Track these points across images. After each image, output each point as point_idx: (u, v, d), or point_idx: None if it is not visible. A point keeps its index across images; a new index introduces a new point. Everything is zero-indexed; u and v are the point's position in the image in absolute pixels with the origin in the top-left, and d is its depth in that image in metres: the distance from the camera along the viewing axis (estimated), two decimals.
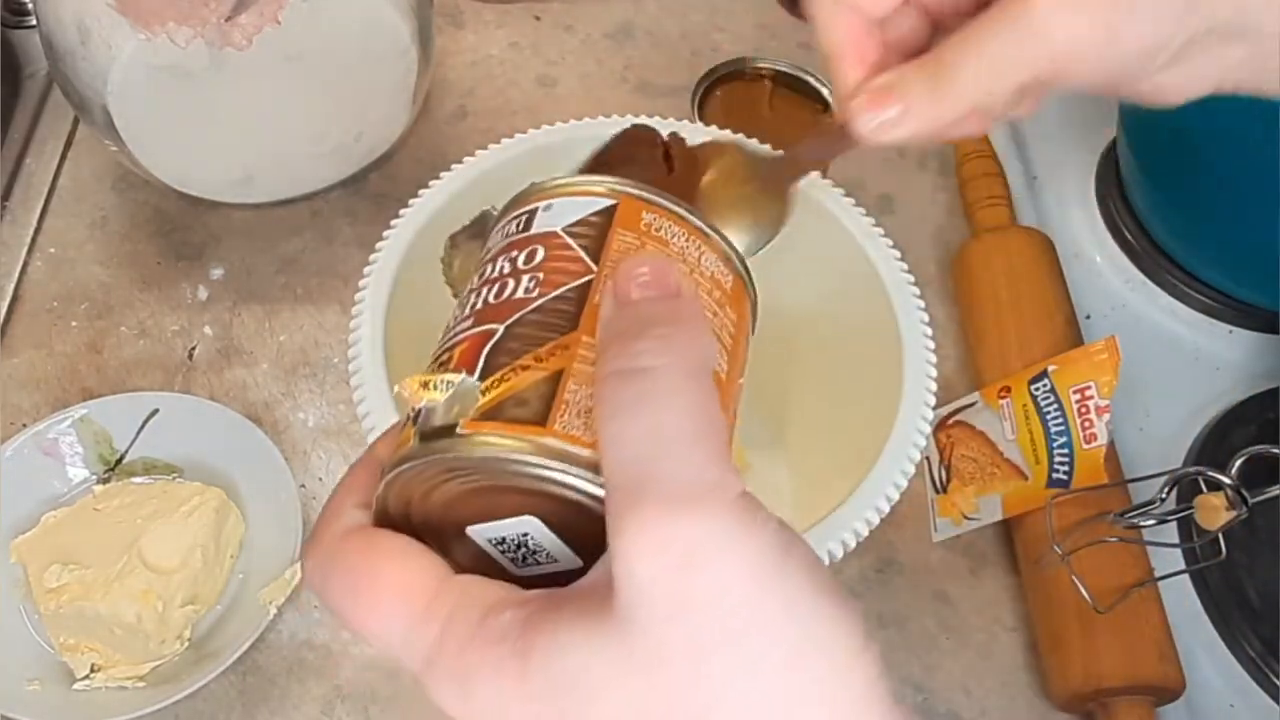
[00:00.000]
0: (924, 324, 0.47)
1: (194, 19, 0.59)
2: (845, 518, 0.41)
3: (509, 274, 0.30)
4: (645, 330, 0.25)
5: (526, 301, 0.29)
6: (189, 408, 0.62)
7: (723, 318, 0.31)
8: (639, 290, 0.26)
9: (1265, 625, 0.58)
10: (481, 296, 0.30)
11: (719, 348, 0.30)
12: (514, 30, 0.85)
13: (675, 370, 0.24)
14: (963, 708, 0.57)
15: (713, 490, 0.23)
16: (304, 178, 0.71)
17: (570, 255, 0.30)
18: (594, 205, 0.31)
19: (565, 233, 0.31)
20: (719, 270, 0.31)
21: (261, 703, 0.56)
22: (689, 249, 0.31)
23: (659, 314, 0.26)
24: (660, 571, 0.22)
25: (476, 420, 0.27)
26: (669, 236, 0.31)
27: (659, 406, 0.24)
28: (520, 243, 0.31)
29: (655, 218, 0.31)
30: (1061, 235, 0.72)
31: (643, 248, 0.30)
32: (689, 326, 0.26)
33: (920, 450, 0.43)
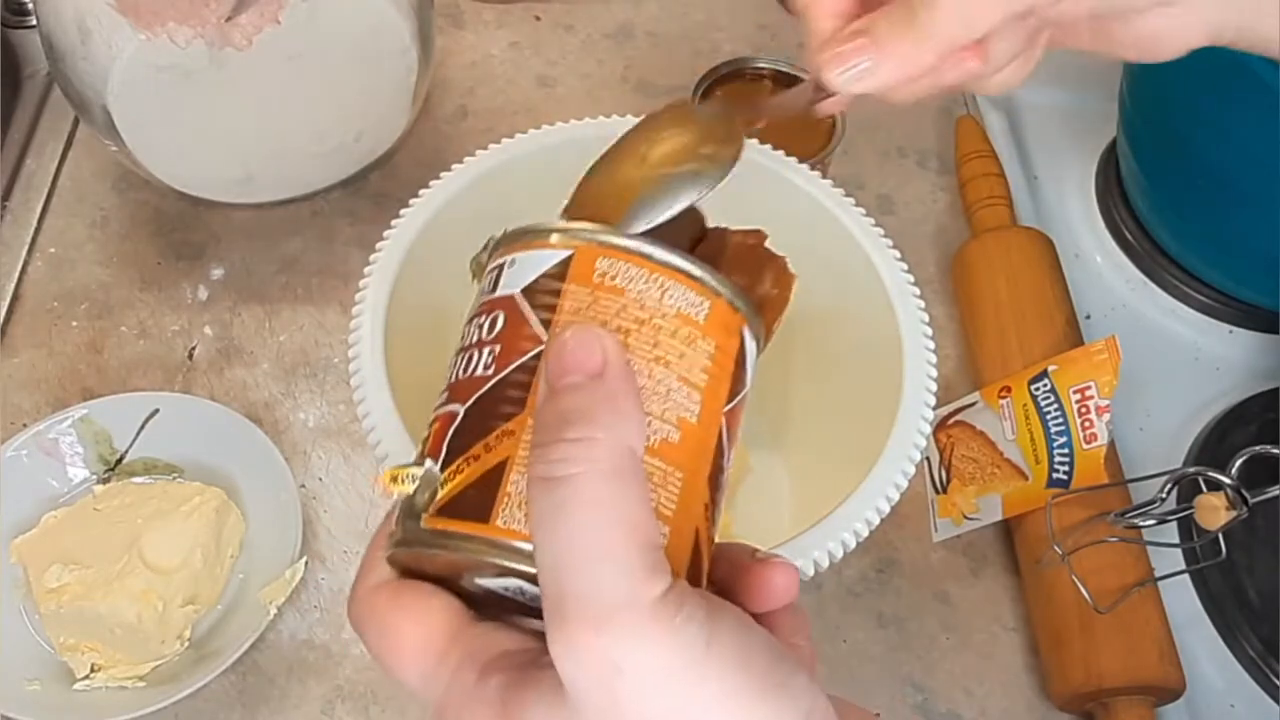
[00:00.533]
0: (924, 324, 0.47)
1: (194, 19, 0.59)
2: (845, 518, 0.41)
3: (475, 344, 0.30)
4: (563, 430, 0.26)
5: (484, 380, 0.29)
6: (189, 408, 0.62)
7: (692, 355, 0.30)
8: (565, 375, 0.27)
9: (1265, 625, 0.58)
10: (456, 369, 0.31)
11: (686, 391, 0.29)
12: (514, 30, 0.85)
13: (590, 477, 0.25)
14: (963, 708, 0.57)
15: (625, 603, 0.24)
16: (304, 178, 0.71)
17: (523, 324, 0.30)
18: (550, 260, 0.30)
19: (522, 296, 0.30)
20: (688, 303, 0.30)
21: (261, 703, 0.56)
22: (649, 290, 0.30)
23: (576, 407, 0.26)
24: (588, 682, 0.25)
25: (434, 515, 0.28)
26: (624, 282, 0.30)
27: (574, 520, 0.25)
28: (487, 306, 0.31)
29: (610, 263, 0.30)
30: (1061, 235, 0.72)
31: (592, 304, 0.29)
32: (604, 417, 0.26)
33: (920, 451, 0.43)
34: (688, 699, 0.25)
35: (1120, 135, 0.73)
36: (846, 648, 0.58)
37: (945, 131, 0.79)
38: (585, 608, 0.25)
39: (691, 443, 0.29)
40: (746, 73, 0.71)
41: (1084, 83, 0.80)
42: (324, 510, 0.62)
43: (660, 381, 0.29)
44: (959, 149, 0.77)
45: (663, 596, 0.25)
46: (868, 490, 0.42)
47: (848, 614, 0.59)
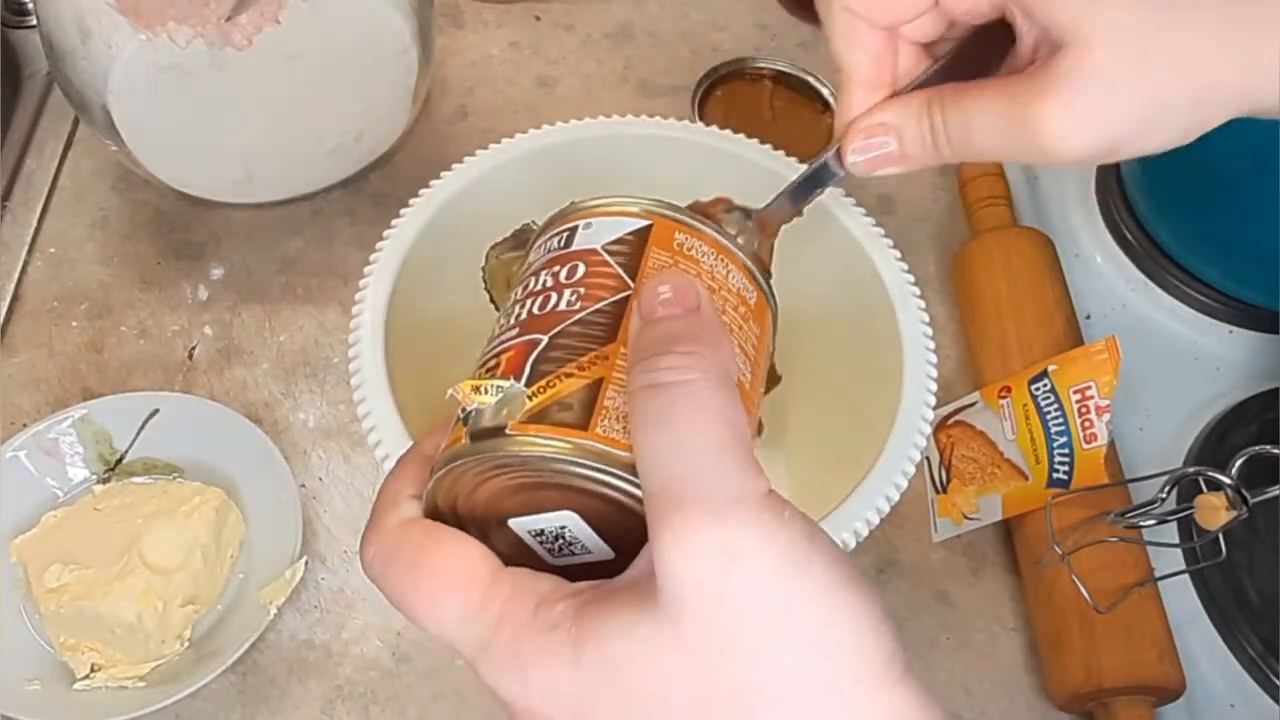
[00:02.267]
0: (924, 324, 0.47)
1: (194, 19, 0.59)
2: (845, 517, 0.41)
3: (552, 287, 0.32)
4: (669, 346, 0.27)
5: (569, 314, 0.31)
6: (189, 408, 0.62)
7: (747, 330, 0.33)
8: (663, 308, 0.28)
9: (1265, 625, 0.58)
10: (526, 308, 0.32)
11: (741, 357, 0.32)
12: (514, 30, 0.85)
13: (699, 383, 0.26)
14: (963, 708, 0.57)
15: (741, 494, 0.25)
16: (304, 178, 0.71)
17: (609, 272, 0.32)
18: (630, 225, 0.34)
19: (604, 250, 0.33)
20: (744, 286, 0.34)
21: (261, 703, 0.56)
22: (717, 266, 0.33)
23: (680, 330, 0.27)
24: (700, 573, 0.25)
25: (524, 422, 0.29)
26: (699, 255, 0.33)
27: (685, 419, 0.26)
28: (562, 258, 0.33)
29: (687, 237, 0.33)
30: (1061, 235, 0.72)
31: (674, 265, 0.32)
32: (709, 340, 0.27)
33: (920, 451, 0.43)
34: (796, 589, 0.25)
35: None
36: None
37: None
38: (700, 499, 0.25)
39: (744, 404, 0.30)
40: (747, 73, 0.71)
41: None
42: (324, 510, 0.62)
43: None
44: None
45: (768, 495, 0.26)
46: (867, 490, 0.42)
47: None
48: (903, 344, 0.46)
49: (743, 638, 0.25)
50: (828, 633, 0.25)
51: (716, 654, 0.25)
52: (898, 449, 0.43)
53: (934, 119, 0.37)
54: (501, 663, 0.27)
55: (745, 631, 0.25)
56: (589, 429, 0.28)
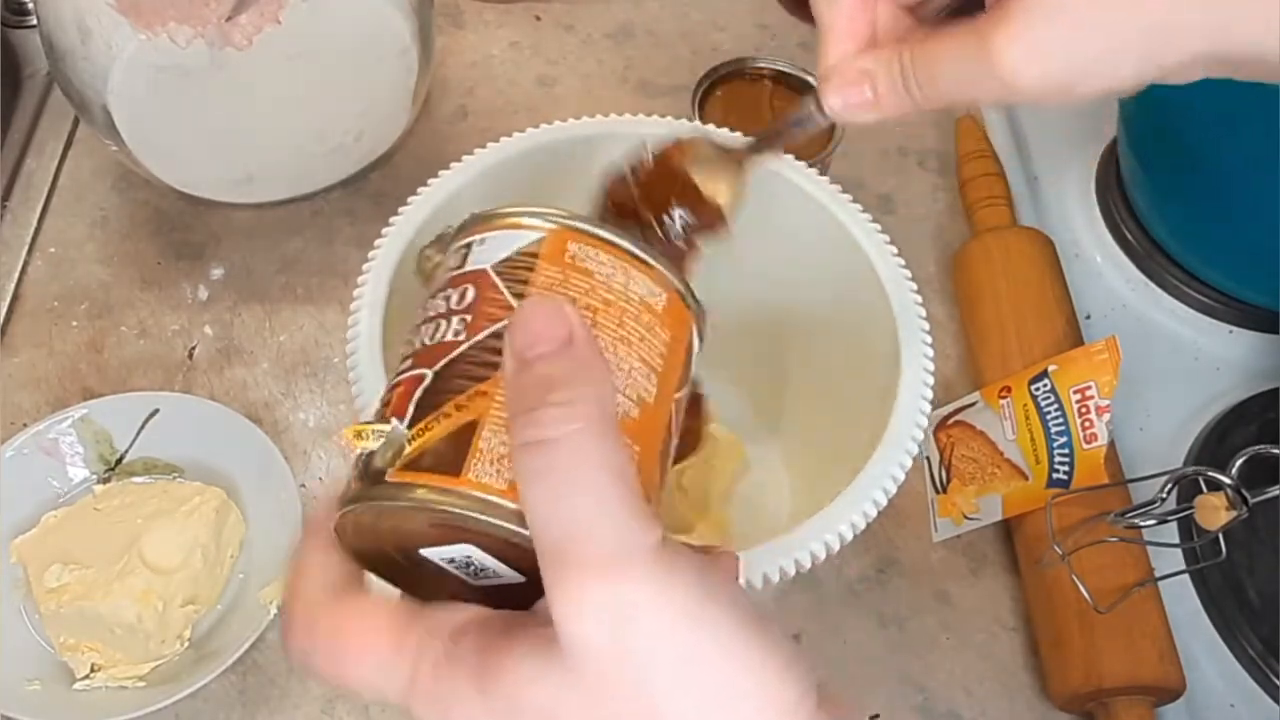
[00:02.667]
0: (921, 318, 0.47)
1: (194, 19, 0.59)
2: (843, 511, 0.41)
3: (444, 313, 0.31)
4: (544, 395, 0.26)
5: (455, 345, 0.30)
6: (189, 408, 0.62)
7: (651, 339, 0.31)
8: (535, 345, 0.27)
9: (1265, 625, 0.58)
10: (420, 337, 0.31)
11: (644, 370, 0.31)
12: (514, 30, 0.85)
13: (579, 435, 0.25)
14: (963, 708, 0.57)
15: (631, 549, 0.25)
16: (304, 178, 0.71)
17: (496, 296, 0.31)
18: (523, 239, 0.32)
19: (494, 271, 0.31)
20: (649, 292, 0.32)
21: (261, 703, 0.56)
22: (614, 275, 0.31)
23: (555, 374, 0.26)
24: (596, 633, 0.25)
25: (402, 469, 0.28)
26: (594, 266, 0.31)
27: (569, 475, 0.25)
28: (457, 279, 0.32)
29: (580, 247, 0.31)
30: (1061, 235, 0.72)
31: (563, 281, 0.31)
32: (586, 378, 0.26)
33: (917, 443, 0.43)
34: (693, 641, 0.25)
35: (1120, 135, 0.73)
36: (846, 648, 0.58)
37: (945, 131, 0.79)
38: (590, 557, 0.25)
39: (647, 421, 0.30)
40: (747, 73, 0.71)
41: None
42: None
43: (624, 359, 0.30)
44: (959, 149, 0.77)
45: (662, 542, 0.25)
46: (865, 483, 0.42)
47: (848, 614, 0.59)
48: (900, 339, 0.46)
49: (644, 692, 0.25)
50: (730, 683, 0.26)
51: (620, 707, 0.25)
52: (894, 441, 0.43)
53: (904, 62, 0.37)
54: (426, 700, 0.28)
55: (645, 687, 0.25)
56: (460, 475, 0.28)
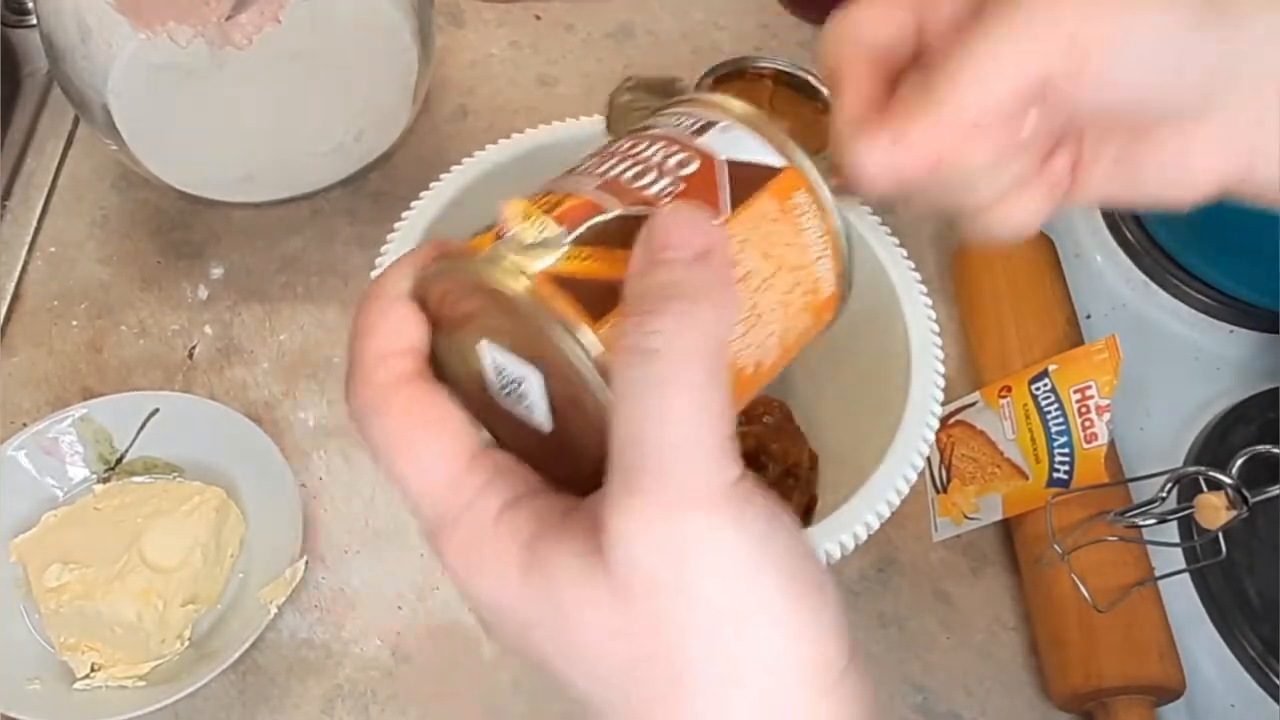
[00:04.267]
0: (932, 322, 0.47)
1: (194, 18, 0.59)
2: (849, 516, 0.41)
3: (656, 164, 0.30)
4: (662, 303, 0.25)
5: (653, 201, 0.29)
6: (189, 407, 0.62)
7: (801, 318, 0.31)
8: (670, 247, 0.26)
9: (1265, 625, 0.58)
10: (621, 166, 0.30)
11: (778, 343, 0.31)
12: (514, 29, 0.85)
13: (682, 358, 0.25)
14: (963, 707, 0.57)
15: (705, 488, 0.25)
16: (304, 177, 0.71)
17: (713, 189, 0.30)
18: (763, 156, 0.31)
19: (727, 166, 0.31)
20: (825, 276, 0.32)
21: (261, 702, 0.56)
22: (814, 246, 0.31)
23: (680, 283, 0.26)
24: (649, 564, 0.25)
25: (547, 277, 0.27)
26: (806, 224, 0.31)
27: (662, 396, 0.24)
28: (684, 143, 0.31)
29: (807, 201, 0.31)
30: (1061, 235, 0.72)
31: (774, 221, 0.30)
32: (709, 297, 0.26)
33: (926, 451, 0.43)
34: (748, 588, 0.25)
35: None
36: None
37: None
38: (662, 489, 0.25)
39: (752, 383, 0.30)
40: (747, 72, 0.71)
41: None
42: (324, 510, 0.62)
43: (770, 323, 0.30)
44: None
45: (735, 487, 0.25)
46: (872, 489, 0.42)
47: (848, 613, 0.58)
48: (910, 344, 0.46)
49: (682, 632, 0.25)
50: (766, 644, 0.26)
51: (657, 638, 0.25)
52: (903, 449, 0.43)
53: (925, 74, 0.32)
54: (459, 550, 0.28)
55: (685, 628, 0.25)
56: (597, 323, 0.27)
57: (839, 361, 0.53)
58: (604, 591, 0.25)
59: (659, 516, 0.25)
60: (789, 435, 0.58)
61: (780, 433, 0.57)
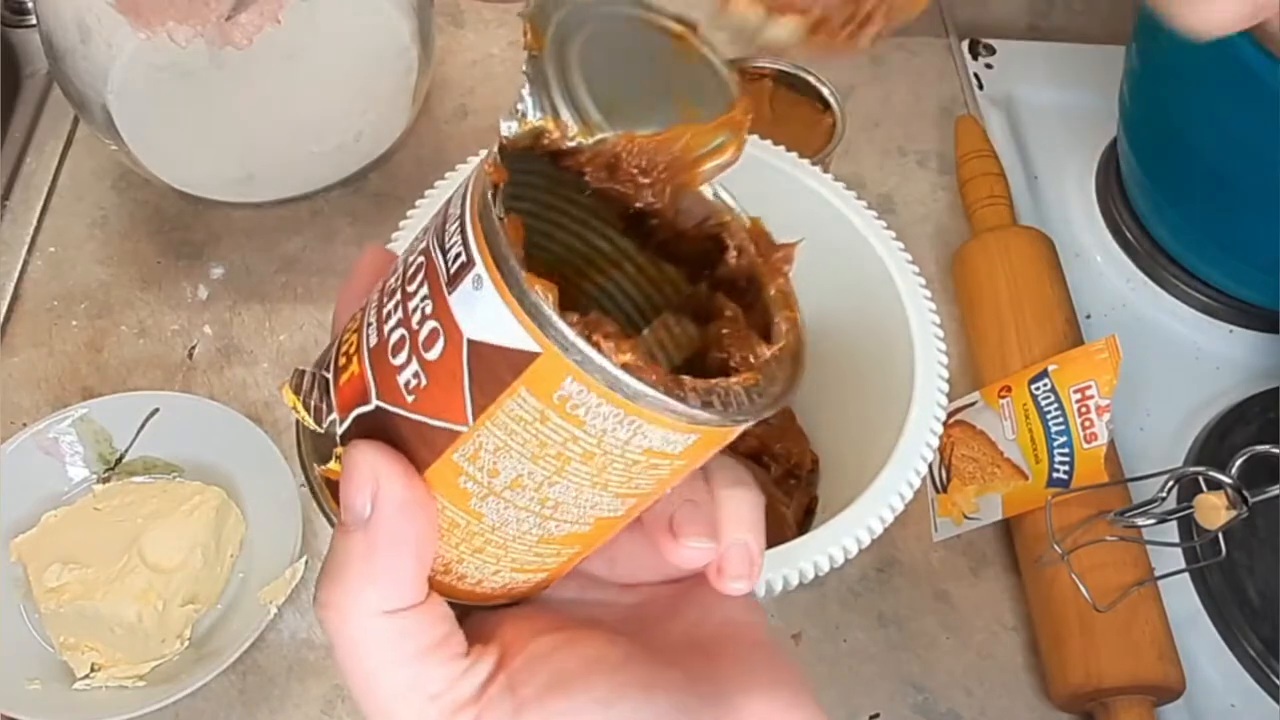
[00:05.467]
0: (936, 325, 0.47)
1: (194, 18, 0.59)
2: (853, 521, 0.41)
3: (412, 331, 0.24)
4: (325, 578, 0.26)
5: (399, 398, 0.25)
6: (189, 407, 0.62)
7: (644, 476, 0.25)
8: (344, 510, 0.26)
9: (1265, 625, 0.58)
10: (378, 327, 0.25)
11: (617, 503, 0.26)
12: (514, 29, 0.85)
13: (341, 648, 0.26)
14: (963, 707, 0.57)
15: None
16: (304, 177, 0.71)
17: (456, 382, 0.24)
18: (512, 335, 0.23)
19: (468, 347, 0.23)
20: (665, 441, 0.24)
21: (261, 702, 0.56)
22: (616, 430, 0.23)
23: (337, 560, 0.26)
24: None
25: (324, 480, 0.27)
26: (588, 417, 0.23)
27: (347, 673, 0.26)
28: (437, 298, 0.24)
29: (581, 391, 0.23)
30: (1061, 235, 0.72)
31: (538, 425, 0.23)
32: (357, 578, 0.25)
33: (927, 461, 0.43)
34: None
35: (1120, 135, 0.73)
36: (846, 647, 0.58)
37: (945, 131, 0.79)
38: None
39: (600, 531, 0.27)
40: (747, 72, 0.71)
41: (1084, 83, 0.80)
42: None
43: (590, 499, 0.25)
44: (959, 149, 0.77)
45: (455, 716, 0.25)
46: (875, 494, 0.42)
47: (848, 613, 0.59)
48: (914, 347, 0.46)
49: None
50: None
51: None
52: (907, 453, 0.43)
53: None
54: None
55: None
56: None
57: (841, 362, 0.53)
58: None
59: None
60: (791, 436, 0.58)
61: (783, 434, 0.57)
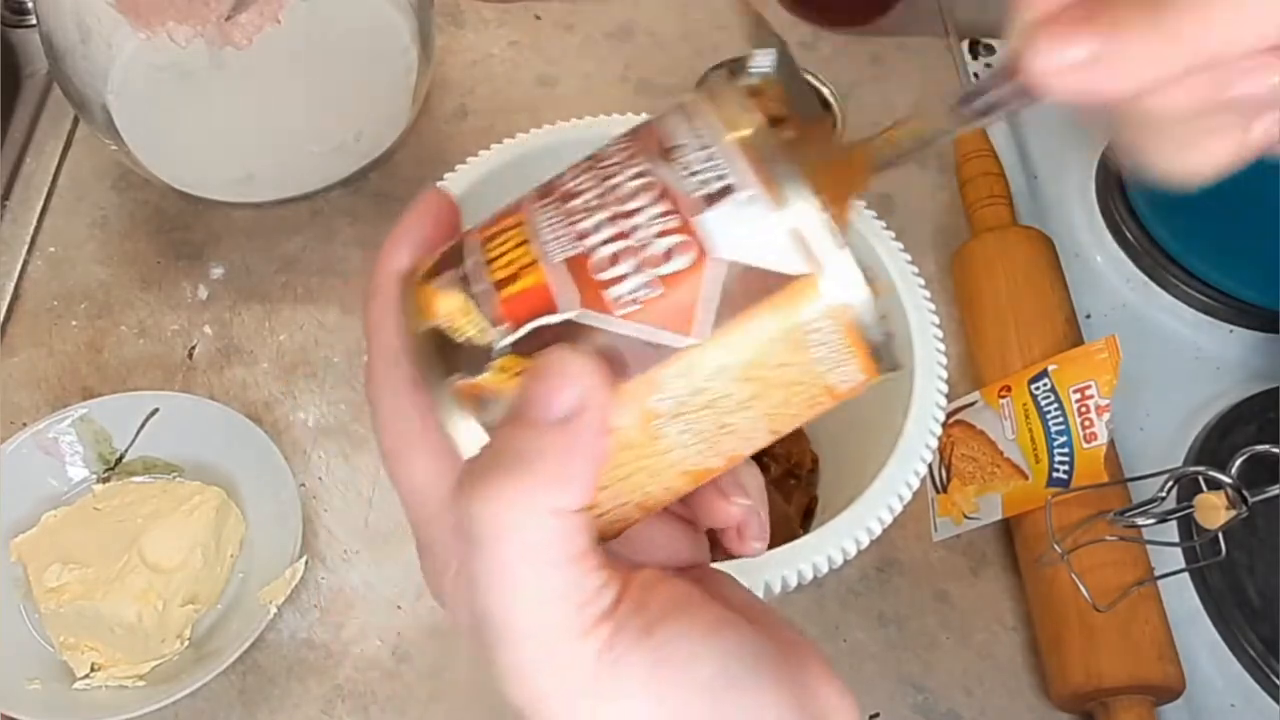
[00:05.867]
0: (935, 325, 0.47)
1: (194, 18, 0.59)
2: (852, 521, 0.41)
3: (641, 241, 0.24)
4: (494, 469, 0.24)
5: (612, 309, 0.24)
6: (189, 407, 0.62)
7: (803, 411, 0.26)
8: (529, 407, 0.24)
9: (1265, 624, 0.58)
10: (601, 220, 0.25)
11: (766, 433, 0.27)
12: (514, 29, 0.85)
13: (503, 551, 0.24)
14: (963, 707, 0.57)
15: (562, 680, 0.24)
16: (304, 177, 0.71)
17: (692, 298, 0.24)
18: (780, 259, 0.24)
19: (721, 267, 0.24)
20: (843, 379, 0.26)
21: (261, 702, 0.56)
22: (823, 361, 0.25)
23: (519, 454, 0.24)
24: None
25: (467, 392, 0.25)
26: (814, 347, 0.24)
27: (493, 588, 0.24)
28: (685, 213, 0.24)
29: (828, 321, 0.24)
30: (1061, 235, 0.72)
31: (766, 347, 0.24)
32: (547, 481, 0.24)
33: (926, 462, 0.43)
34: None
35: None
36: (846, 647, 0.58)
37: None
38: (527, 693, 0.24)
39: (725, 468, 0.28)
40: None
41: None
42: (324, 510, 0.62)
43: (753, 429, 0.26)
44: (959, 149, 0.77)
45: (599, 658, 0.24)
46: (875, 495, 0.42)
47: (848, 613, 0.59)
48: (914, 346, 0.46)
49: None
50: None
51: None
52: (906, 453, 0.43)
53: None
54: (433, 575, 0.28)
55: None
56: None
57: None
58: None
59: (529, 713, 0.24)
60: (792, 436, 0.58)
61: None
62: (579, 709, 0.24)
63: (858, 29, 0.86)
